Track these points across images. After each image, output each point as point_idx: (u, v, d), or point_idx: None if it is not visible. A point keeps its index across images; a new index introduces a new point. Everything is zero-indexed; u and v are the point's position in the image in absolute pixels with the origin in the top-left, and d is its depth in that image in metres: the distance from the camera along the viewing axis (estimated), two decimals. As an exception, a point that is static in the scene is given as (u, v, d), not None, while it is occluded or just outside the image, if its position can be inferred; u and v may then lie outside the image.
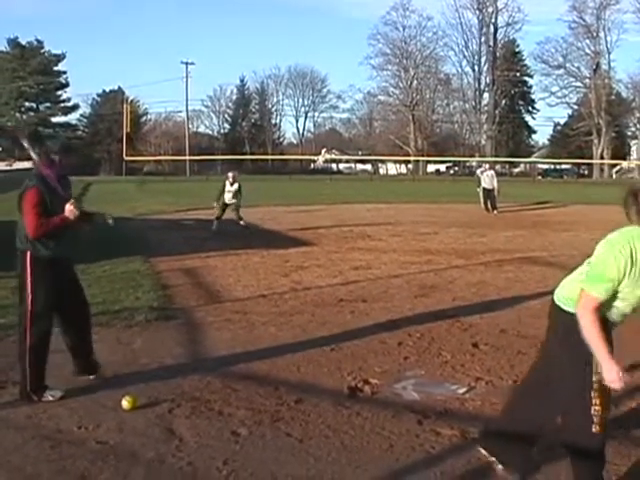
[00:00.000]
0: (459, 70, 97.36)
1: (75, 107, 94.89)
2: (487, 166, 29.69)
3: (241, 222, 20.73)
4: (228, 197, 20.73)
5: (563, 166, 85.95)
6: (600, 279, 3.71)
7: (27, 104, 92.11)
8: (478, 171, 29.89)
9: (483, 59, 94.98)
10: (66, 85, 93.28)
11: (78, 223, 5.97)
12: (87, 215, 6.24)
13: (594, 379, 3.81)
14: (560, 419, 4.06)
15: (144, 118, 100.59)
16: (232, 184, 20.83)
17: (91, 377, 6.35)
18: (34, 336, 5.79)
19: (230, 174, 21.31)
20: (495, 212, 26.83)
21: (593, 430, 3.83)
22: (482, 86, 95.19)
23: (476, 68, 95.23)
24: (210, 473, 4.52)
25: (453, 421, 5.37)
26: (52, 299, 5.87)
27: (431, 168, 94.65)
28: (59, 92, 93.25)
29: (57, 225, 5.78)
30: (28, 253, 5.80)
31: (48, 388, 5.87)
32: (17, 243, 5.89)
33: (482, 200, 27.97)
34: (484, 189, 27.60)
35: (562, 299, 3.99)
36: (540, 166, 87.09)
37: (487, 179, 27.60)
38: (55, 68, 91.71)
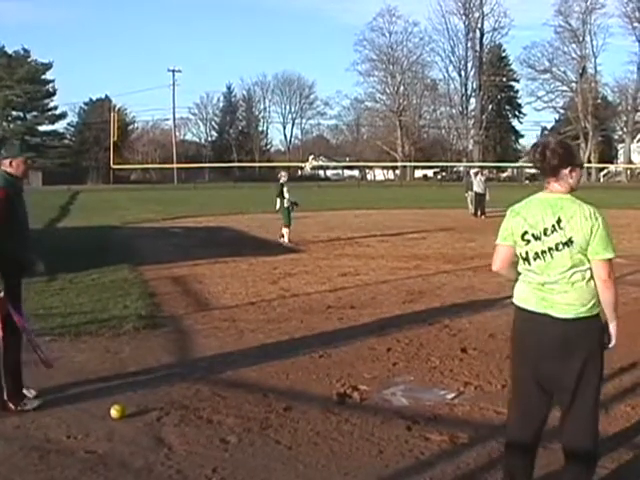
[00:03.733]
0: (446, 75, 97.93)
1: (62, 115, 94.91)
2: (479, 170, 29.79)
3: (285, 230, 18.95)
4: (288, 202, 19.02)
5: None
6: (612, 243, 3.85)
7: (14, 113, 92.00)
8: (472, 172, 29.90)
9: (469, 64, 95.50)
10: (53, 94, 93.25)
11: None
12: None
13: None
14: (564, 422, 4.02)
15: (131, 126, 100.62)
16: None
17: None
18: (10, 343, 5.70)
19: (283, 172, 19.85)
20: (483, 217, 26.90)
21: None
22: (469, 91, 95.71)
23: (462, 73, 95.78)
24: (199, 481, 4.51)
25: (442, 426, 5.37)
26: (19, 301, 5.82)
27: (418, 173, 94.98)
28: (46, 101, 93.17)
29: None
30: None
31: (26, 397, 5.84)
32: None
33: (472, 204, 28.03)
34: (476, 193, 27.65)
35: (586, 310, 3.88)
36: (528, 170, 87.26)
37: (481, 184, 27.67)
38: (42, 77, 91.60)
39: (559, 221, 3.83)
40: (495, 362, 7.10)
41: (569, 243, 3.81)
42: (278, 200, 19.12)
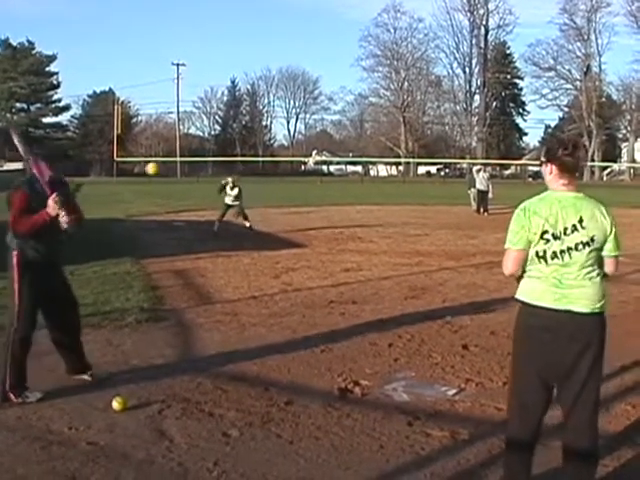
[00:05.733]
0: (450, 72, 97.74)
1: (66, 108, 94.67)
2: (482, 167, 29.80)
3: (247, 223, 20.28)
4: (229, 200, 20.31)
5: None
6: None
7: (18, 105, 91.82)
8: (474, 169, 29.89)
9: (474, 61, 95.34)
10: (57, 86, 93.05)
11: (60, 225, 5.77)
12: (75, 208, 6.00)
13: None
14: (568, 420, 4.03)
15: (135, 119, 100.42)
16: (232, 188, 20.24)
17: (85, 377, 6.31)
18: (16, 336, 5.77)
19: (230, 178, 20.71)
20: (486, 214, 26.89)
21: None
22: (473, 88, 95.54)
23: (467, 70, 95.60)
24: (200, 474, 4.52)
25: (443, 422, 5.38)
26: (38, 300, 5.86)
27: (422, 170, 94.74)
28: (50, 93, 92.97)
29: (38, 222, 5.66)
30: (15, 253, 5.79)
31: (28, 389, 5.85)
32: (7, 242, 5.87)
33: (474, 201, 28.03)
34: (478, 190, 27.65)
35: (600, 306, 3.93)
36: (531, 168, 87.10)
37: (484, 181, 27.67)
38: (47, 69, 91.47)
39: (581, 221, 3.84)
40: (496, 359, 7.11)
41: (590, 242, 3.85)
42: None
